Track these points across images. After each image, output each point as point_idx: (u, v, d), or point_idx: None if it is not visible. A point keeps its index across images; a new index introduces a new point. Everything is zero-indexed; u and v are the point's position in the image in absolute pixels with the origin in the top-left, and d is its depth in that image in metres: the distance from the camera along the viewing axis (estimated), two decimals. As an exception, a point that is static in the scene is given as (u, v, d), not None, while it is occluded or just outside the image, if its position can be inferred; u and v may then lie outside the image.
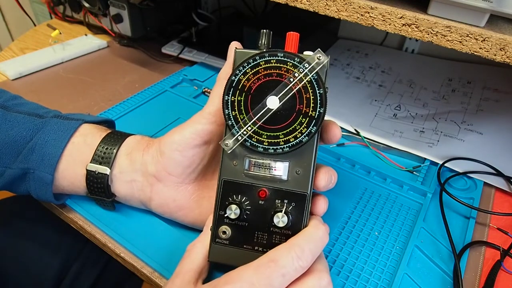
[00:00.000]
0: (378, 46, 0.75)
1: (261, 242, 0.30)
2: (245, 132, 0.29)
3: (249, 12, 0.84)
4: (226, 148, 0.30)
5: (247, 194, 0.31)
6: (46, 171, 0.35)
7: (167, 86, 0.61)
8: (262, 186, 0.30)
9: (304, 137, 0.29)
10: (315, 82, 0.28)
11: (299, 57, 0.28)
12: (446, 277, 0.36)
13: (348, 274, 0.36)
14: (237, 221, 0.31)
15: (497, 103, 0.58)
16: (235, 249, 0.31)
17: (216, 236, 0.31)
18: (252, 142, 0.29)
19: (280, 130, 0.29)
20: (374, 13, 0.36)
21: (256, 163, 0.30)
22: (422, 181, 0.46)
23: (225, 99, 0.29)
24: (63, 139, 0.36)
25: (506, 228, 0.41)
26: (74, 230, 0.41)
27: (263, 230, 0.30)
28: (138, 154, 0.36)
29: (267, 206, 0.30)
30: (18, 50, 0.70)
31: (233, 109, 0.29)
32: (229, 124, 0.29)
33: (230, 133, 0.29)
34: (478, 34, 0.32)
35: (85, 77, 0.64)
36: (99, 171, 0.35)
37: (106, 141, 0.37)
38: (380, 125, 0.55)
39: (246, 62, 0.29)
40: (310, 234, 0.28)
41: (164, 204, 0.36)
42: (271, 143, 0.29)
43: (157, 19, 0.72)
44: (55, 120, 0.37)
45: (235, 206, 0.30)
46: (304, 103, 0.28)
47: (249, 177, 0.31)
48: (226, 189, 0.31)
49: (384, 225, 0.41)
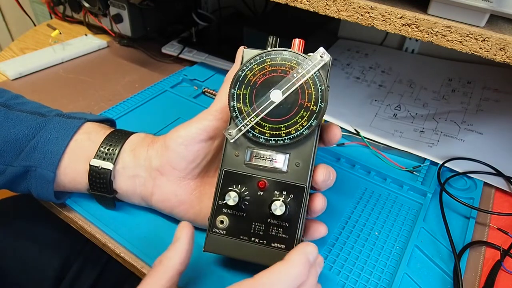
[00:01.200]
0: (378, 46, 0.75)
1: (258, 233, 0.31)
2: (248, 123, 0.30)
3: (249, 12, 0.84)
4: (229, 137, 0.31)
5: (247, 184, 0.31)
6: (48, 169, 0.35)
7: (167, 86, 0.61)
8: (262, 177, 0.31)
9: (304, 130, 0.30)
10: (317, 79, 0.30)
11: (303, 55, 0.30)
12: (446, 277, 0.36)
13: (348, 274, 0.36)
14: (235, 211, 0.31)
15: (497, 103, 0.58)
16: (232, 240, 0.31)
17: (213, 226, 0.31)
18: (255, 133, 0.31)
19: (282, 122, 0.30)
20: (374, 13, 0.36)
21: (257, 154, 0.31)
22: (422, 181, 0.46)
23: (231, 92, 0.31)
24: (66, 137, 0.36)
25: (506, 228, 0.41)
26: (74, 230, 0.41)
27: (261, 221, 0.31)
28: (142, 150, 0.36)
29: (266, 197, 0.31)
30: (18, 50, 0.70)
31: (238, 101, 0.31)
32: (233, 116, 0.31)
33: (234, 124, 0.31)
34: (478, 34, 0.32)
35: (85, 77, 0.64)
36: (102, 167, 0.36)
37: (110, 138, 0.37)
38: (380, 125, 0.55)
39: (253, 59, 0.30)
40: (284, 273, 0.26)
41: (165, 199, 0.36)
42: (272, 135, 0.30)
43: (157, 19, 0.72)
44: (58, 119, 0.38)
45: (234, 193, 0.31)
46: (306, 97, 0.30)
47: (249, 168, 0.31)
48: (227, 179, 0.32)
49: (384, 225, 0.41)
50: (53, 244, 0.50)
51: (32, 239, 0.50)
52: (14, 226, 0.51)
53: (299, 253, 0.27)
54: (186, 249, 0.29)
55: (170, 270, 0.28)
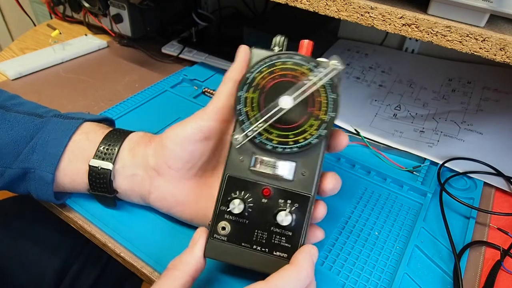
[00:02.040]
0: (378, 46, 0.75)
1: (260, 241, 0.30)
2: (255, 128, 0.29)
3: (249, 12, 0.84)
4: (235, 143, 0.30)
5: (250, 191, 0.30)
6: (47, 170, 0.35)
7: (167, 86, 0.61)
8: (267, 185, 0.30)
9: (313, 139, 0.29)
10: (329, 87, 0.29)
11: (315, 61, 0.29)
12: (446, 277, 0.36)
13: (348, 274, 0.36)
14: (238, 218, 0.30)
15: (497, 103, 0.58)
16: (233, 246, 0.30)
17: (214, 232, 0.30)
18: (262, 139, 0.30)
19: (291, 130, 0.29)
20: (374, 13, 0.36)
21: (263, 161, 0.30)
22: (422, 181, 0.46)
23: (239, 94, 0.30)
24: (64, 138, 0.36)
25: (506, 228, 0.41)
26: (74, 230, 0.41)
27: (263, 229, 0.30)
28: (140, 149, 0.36)
29: (270, 205, 0.30)
30: (18, 50, 0.70)
31: (245, 105, 0.30)
32: (240, 120, 0.30)
33: (240, 128, 0.30)
34: (478, 34, 0.32)
35: (85, 77, 0.64)
36: (102, 167, 0.36)
37: (109, 137, 0.37)
38: (380, 125, 0.55)
39: (263, 61, 0.29)
40: (294, 277, 0.27)
41: (162, 198, 0.36)
42: (280, 142, 0.29)
43: (157, 19, 0.72)
44: (56, 120, 0.37)
45: (239, 201, 0.30)
46: (316, 106, 0.29)
47: (254, 174, 0.30)
48: (230, 185, 0.31)
49: (384, 225, 0.41)
50: (53, 244, 0.50)
51: (32, 240, 0.50)
52: (14, 226, 0.51)
53: (305, 256, 0.28)
54: (203, 256, 0.30)
55: (185, 276, 0.28)
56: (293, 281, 0.26)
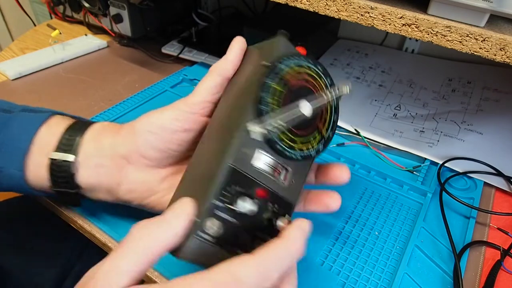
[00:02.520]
0: (378, 46, 0.75)
1: (243, 244, 0.27)
2: (274, 123, 0.27)
3: (249, 12, 0.84)
4: (251, 132, 0.26)
5: (245, 189, 0.27)
6: (14, 168, 0.33)
7: (167, 86, 0.61)
8: (264, 186, 0.28)
9: (313, 151, 0.29)
10: (335, 108, 0.30)
11: (331, 79, 0.30)
12: (446, 277, 0.36)
13: (348, 274, 0.36)
14: (236, 217, 0.26)
15: (497, 103, 0.58)
16: (218, 250, 0.26)
17: (199, 229, 0.25)
18: (273, 137, 0.27)
19: (299, 136, 0.29)
20: (374, 13, 0.36)
21: (267, 159, 0.28)
22: (422, 181, 0.46)
23: (266, 81, 0.27)
24: (31, 131, 0.33)
25: (506, 228, 0.41)
26: (76, 231, 0.41)
27: (249, 231, 0.27)
28: (107, 138, 0.34)
29: (260, 207, 0.27)
30: (18, 50, 0.70)
31: (271, 96, 0.27)
32: (260, 109, 0.26)
33: (259, 119, 0.26)
34: (478, 34, 0.32)
35: (85, 77, 0.64)
36: (63, 159, 0.33)
37: (71, 128, 0.34)
38: (380, 125, 0.55)
39: (292, 57, 0.28)
40: (285, 250, 0.24)
41: (133, 189, 0.33)
42: (289, 146, 0.28)
43: (157, 19, 0.72)
44: (23, 114, 0.35)
45: (250, 200, 0.26)
46: (322, 121, 0.30)
47: (254, 171, 0.27)
48: (229, 177, 0.26)
49: (384, 225, 0.41)
50: (54, 245, 0.50)
51: (33, 240, 0.50)
52: (15, 227, 0.51)
53: (297, 229, 0.25)
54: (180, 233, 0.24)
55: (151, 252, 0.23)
56: (283, 254, 0.23)
